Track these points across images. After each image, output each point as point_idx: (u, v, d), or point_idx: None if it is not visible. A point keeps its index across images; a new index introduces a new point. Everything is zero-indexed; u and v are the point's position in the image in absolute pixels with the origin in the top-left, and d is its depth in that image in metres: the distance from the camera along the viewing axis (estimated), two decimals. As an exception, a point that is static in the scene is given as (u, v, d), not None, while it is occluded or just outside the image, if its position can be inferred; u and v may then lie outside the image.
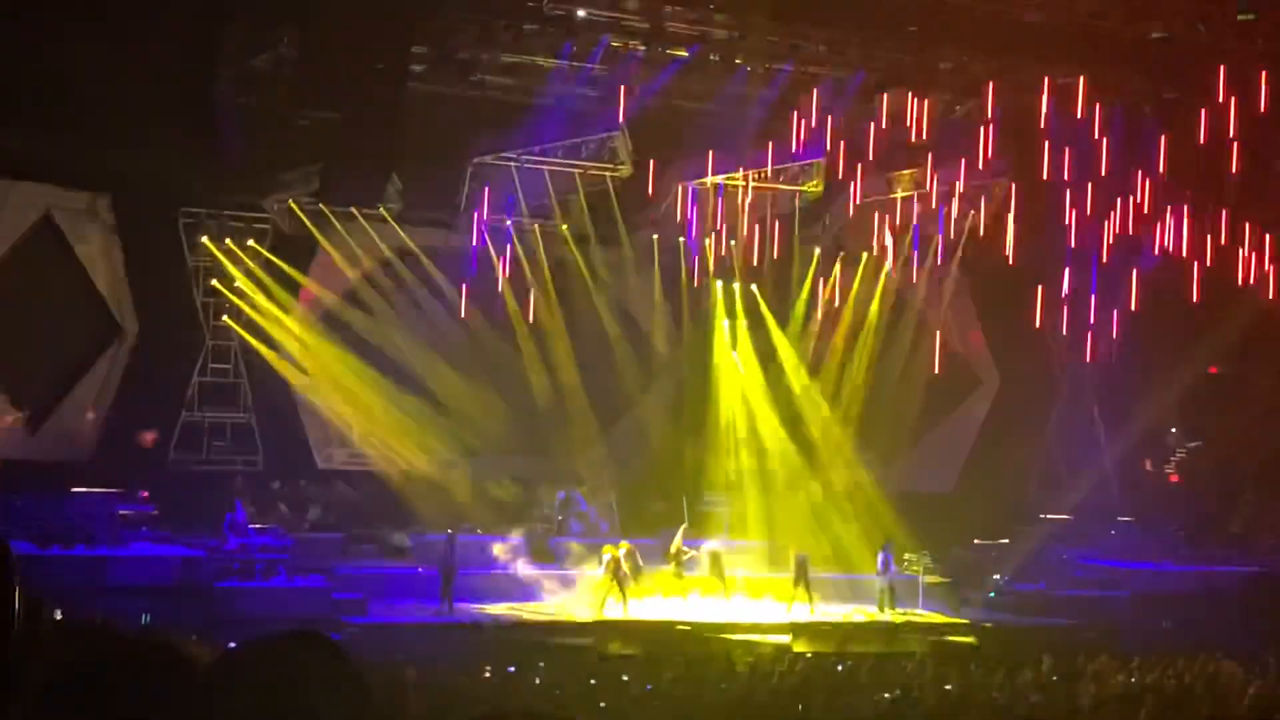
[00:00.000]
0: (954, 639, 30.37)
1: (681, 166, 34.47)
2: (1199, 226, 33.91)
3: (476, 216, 33.75)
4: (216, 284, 33.20)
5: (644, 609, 30.45)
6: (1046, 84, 31.29)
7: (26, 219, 31.96)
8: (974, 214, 35.29)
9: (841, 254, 37.47)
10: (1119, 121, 32.58)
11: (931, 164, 33.31)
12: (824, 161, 34.18)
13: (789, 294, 37.95)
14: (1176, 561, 36.22)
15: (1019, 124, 31.82)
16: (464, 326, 34.41)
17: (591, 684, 20.74)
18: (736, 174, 34.82)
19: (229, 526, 29.82)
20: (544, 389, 35.60)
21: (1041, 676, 22.38)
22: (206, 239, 33.01)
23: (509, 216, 34.31)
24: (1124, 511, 39.29)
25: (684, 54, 30.66)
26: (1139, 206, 33.57)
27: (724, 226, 35.64)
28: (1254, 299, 35.00)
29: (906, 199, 35.48)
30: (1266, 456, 40.04)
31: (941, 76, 31.94)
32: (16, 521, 27.63)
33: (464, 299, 34.07)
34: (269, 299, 33.40)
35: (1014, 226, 33.79)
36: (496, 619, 29.06)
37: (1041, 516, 37.67)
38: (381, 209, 32.81)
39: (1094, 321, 35.99)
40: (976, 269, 37.14)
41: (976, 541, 36.09)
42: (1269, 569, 35.33)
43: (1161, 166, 32.72)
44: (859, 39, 31.13)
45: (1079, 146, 32.06)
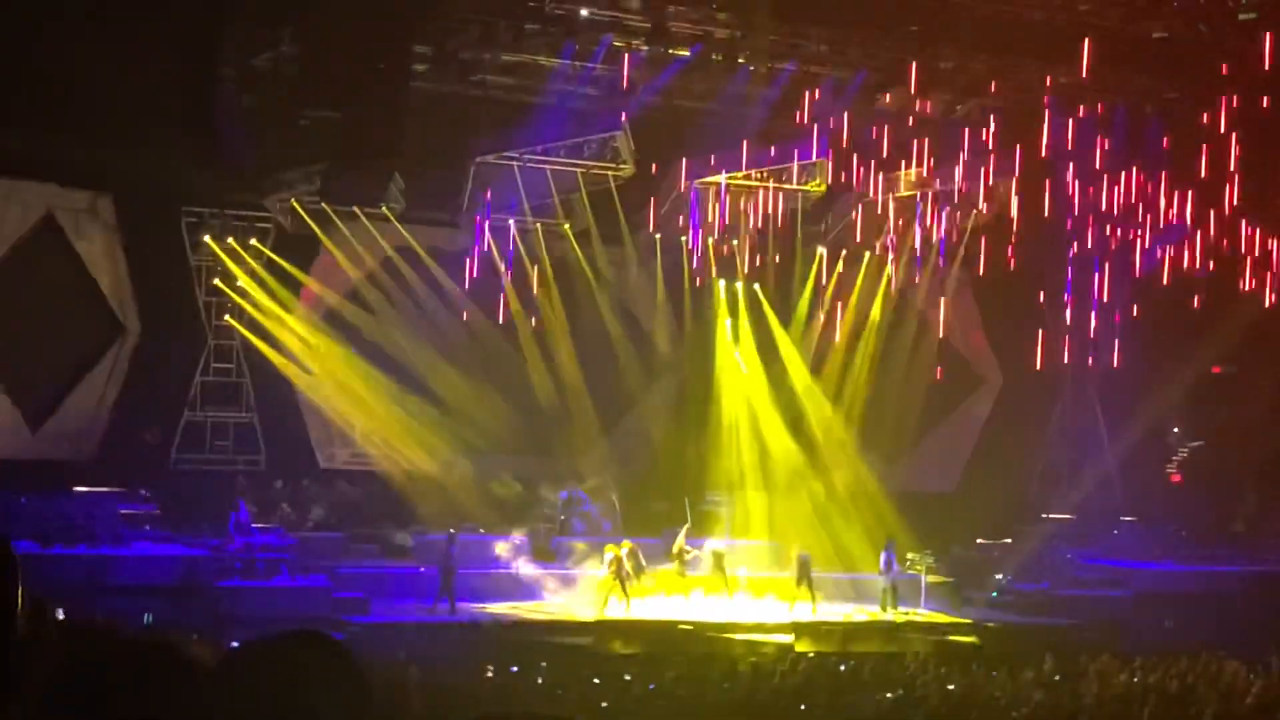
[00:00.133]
0: (956, 638, 30.37)
1: (684, 166, 34.52)
2: (1201, 228, 33.86)
3: (479, 216, 33.74)
4: (219, 283, 33.20)
5: (646, 608, 30.43)
6: (1048, 83, 31.30)
7: (28, 218, 31.94)
8: (976, 213, 35.26)
9: (844, 253, 37.46)
10: (1121, 121, 32.58)
11: (933, 163, 33.31)
12: (826, 161, 34.17)
13: (791, 293, 37.93)
14: (1179, 561, 36.19)
15: (1020, 123, 31.81)
16: (466, 326, 34.42)
17: (594, 683, 20.75)
18: (739, 173, 34.81)
19: (234, 526, 29.81)
20: (546, 388, 35.60)
21: (1044, 676, 22.39)
22: (209, 238, 33.00)
23: (511, 216, 34.31)
24: (1126, 511, 39.27)
25: (686, 53, 30.66)
26: (1140, 207, 33.55)
27: (726, 226, 35.64)
28: (1256, 299, 34.95)
29: (909, 198, 35.47)
30: (1268, 456, 40.01)
31: (943, 76, 31.93)
32: (19, 520, 27.63)
33: (466, 298, 34.07)
34: (271, 298, 33.39)
35: (1015, 226, 33.77)
36: (498, 618, 29.03)
37: (1044, 516, 37.66)
38: (384, 208, 32.76)
39: (1095, 322, 35.99)
40: (978, 268, 37.12)
41: (979, 541, 36.07)
42: (1271, 568, 35.30)
43: (1163, 167, 32.71)
44: (861, 38, 31.14)
45: (1081, 145, 32.06)
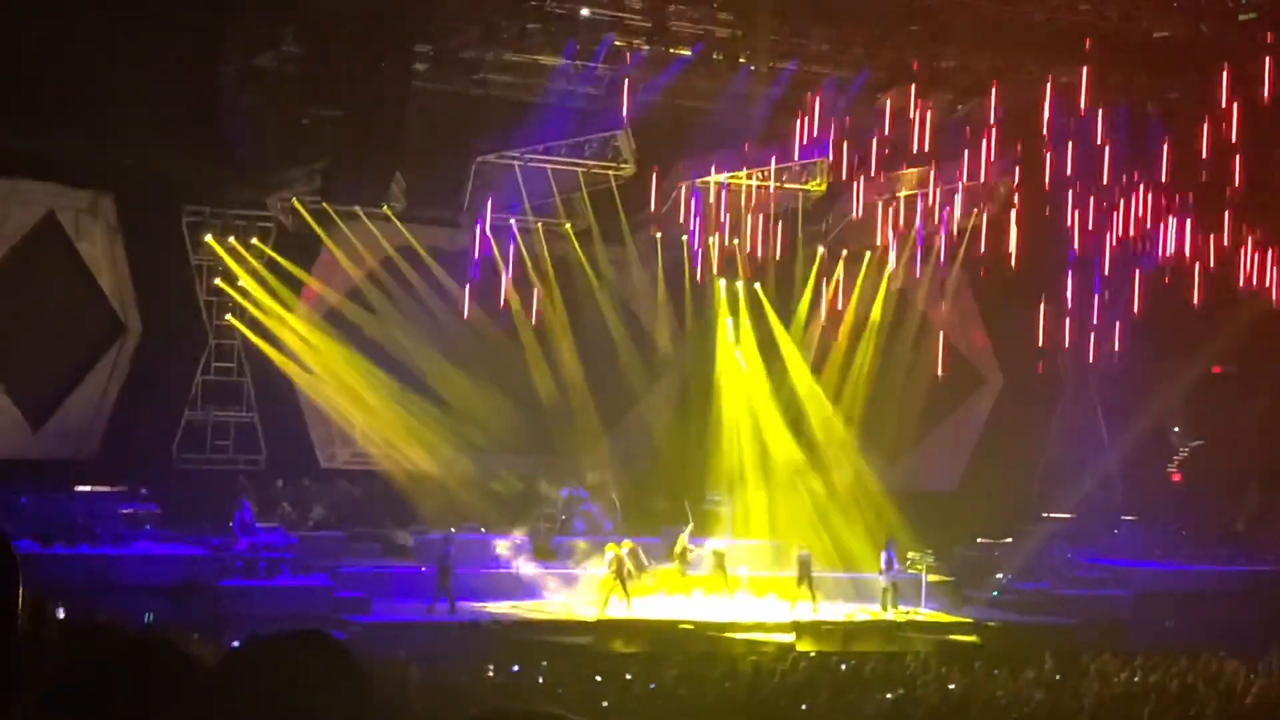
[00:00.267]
0: (957, 638, 30.38)
1: (685, 165, 34.53)
2: (1201, 228, 33.85)
3: (480, 215, 33.75)
4: (220, 282, 33.21)
5: (647, 608, 30.42)
6: (1049, 83, 31.29)
7: (29, 218, 31.93)
8: (977, 213, 35.26)
9: (844, 253, 37.46)
10: (1122, 121, 32.56)
11: (934, 163, 33.30)
12: (827, 160, 34.17)
13: (792, 293, 37.93)
14: (1179, 560, 36.19)
15: (1022, 123, 31.81)
16: (467, 325, 34.41)
17: (595, 683, 20.77)
18: (740, 173, 34.82)
19: (239, 526, 29.79)
20: (547, 387, 35.61)
21: (1044, 675, 22.42)
22: (210, 237, 33.02)
23: (512, 215, 34.32)
24: (1127, 510, 39.27)
25: (687, 53, 30.66)
26: (1141, 207, 33.53)
27: (727, 225, 35.62)
28: (1256, 299, 34.94)
29: (909, 198, 35.45)
30: (1269, 456, 39.99)
31: (944, 75, 31.93)
32: (19, 520, 27.60)
33: (467, 297, 34.08)
34: (272, 297, 33.40)
35: (1016, 226, 33.75)
36: (499, 618, 29.03)
37: (1044, 515, 37.63)
38: (385, 207, 32.81)
39: (1097, 322, 35.97)
40: (979, 268, 37.11)
41: (980, 540, 36.04)
42: (1272, 568, 35.29)
43: (1164, 167, 32.69)
44: (862, 38, 31.12)
45: (1082, 146, 32.05)
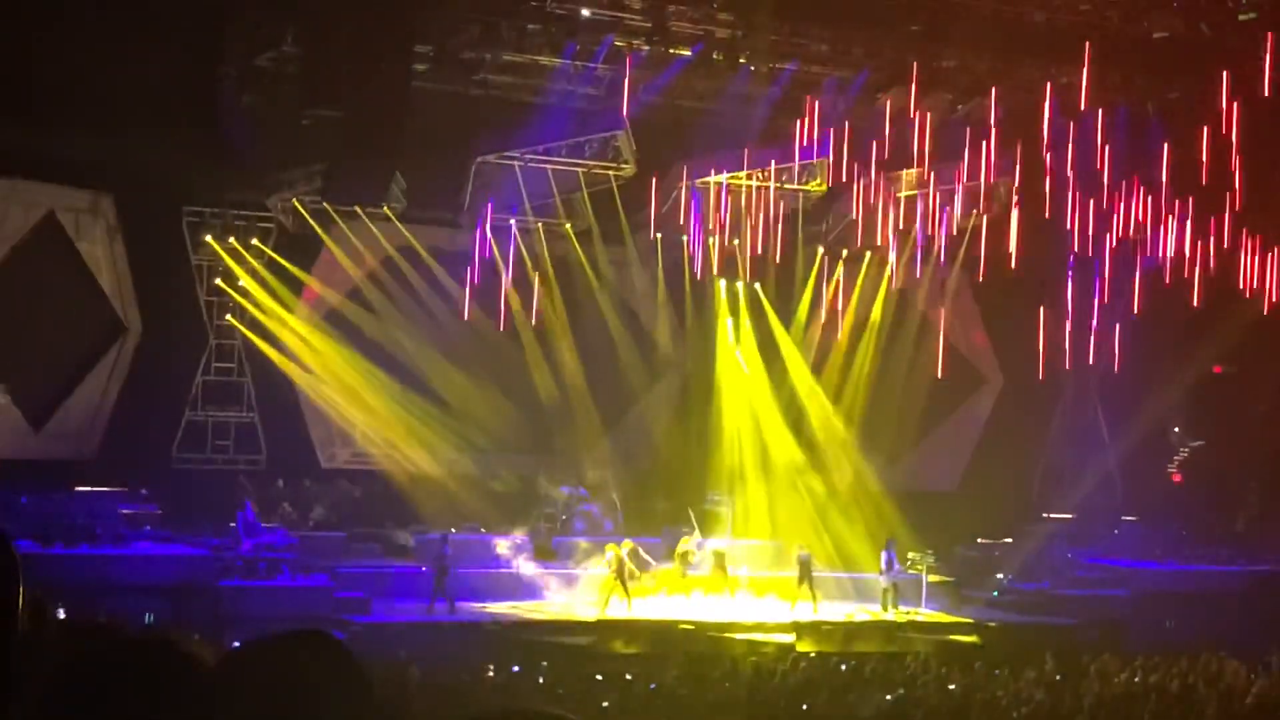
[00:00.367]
0: (957, 638, 30.39)
1: (685, 165, 34.53)
2: (1201, 228, 33.83)
3: (480, 215, 33.75)
4: (220, 283, 33.22)
5: (647, 608, 30.41)
6: (1049, 83, 31.27)
7: (30, 218, 31.92)
8: (977, 213, 35.25)
9: (844, 253, 37.46)
10: (1122, 122, 32.54)
11: (934, 163, 33.28)
12: (827, 160, 34.16)
13: (792, 293, 37.94)
14: (1180, 561, 36.20)
15: (1022, 123, 31.79)
16: (467, 325, 34.37)
17: (595, 682, 20.79)
18: (740, 173, 34.82)
19: (243, 528, 29.77)
20: (547, 387, 35.61)
21: (1045, 675, 22.43)
22: (210, 237, 33.02)
23: (512, 215, 34.31)
24: (1127, 510, 39.28)
25: (687, 53, 30.65)
26: (1141, 207, 33.51)
27: (727, 225, 35.62)
28: (1256, 300, 34.92)
29: (909, 198, 35.43)
30: (1269, 456, 40.00)
31: (944, 76, 31.92)
32: (19, 520, 27.61)
33: (468, 297, 34.08)
34: (273, 298, 33.40)
35: (1016, 226, 33.74)
36: (499, 618, 29.03)
37: (1045, 515, 37.65)
38: (385, 208, 32.79)
39: (1097, 322, 35.96)
40: (979, 268, 37.11)
41: (980, 540, 36.05)
42: (1272, 568, 35.30)
43: (1164, 168, 32.68)
44: (862, 38, 31.13)
45: (1082, 147, 32.03)
